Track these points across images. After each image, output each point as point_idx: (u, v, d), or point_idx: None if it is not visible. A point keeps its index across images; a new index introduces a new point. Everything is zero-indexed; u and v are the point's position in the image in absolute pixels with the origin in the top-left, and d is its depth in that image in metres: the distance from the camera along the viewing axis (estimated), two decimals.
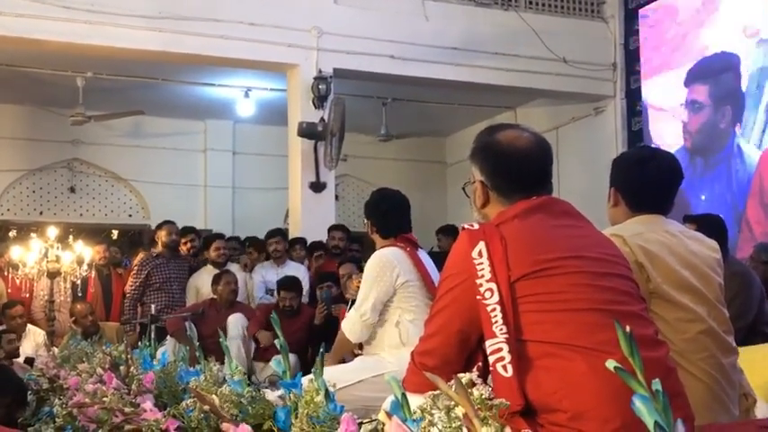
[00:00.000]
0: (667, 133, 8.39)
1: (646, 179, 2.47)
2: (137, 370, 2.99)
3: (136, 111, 9.75)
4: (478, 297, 1.73)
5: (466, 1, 8.60)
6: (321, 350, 1.77)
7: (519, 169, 1.95)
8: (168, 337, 6.06)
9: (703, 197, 7.83)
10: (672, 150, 8.20)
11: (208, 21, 7.47)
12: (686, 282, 2.35)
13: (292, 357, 6.25)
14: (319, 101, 7.78)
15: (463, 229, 1.86)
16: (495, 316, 1.70)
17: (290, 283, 6.33)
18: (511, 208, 1.91)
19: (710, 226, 4.45)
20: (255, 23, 7.63)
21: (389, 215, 3.89)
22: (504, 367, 1.65)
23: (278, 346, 1.81)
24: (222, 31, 7.52)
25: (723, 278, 2.48)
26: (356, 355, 3.91)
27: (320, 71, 7.83)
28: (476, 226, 1.84)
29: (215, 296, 6.47)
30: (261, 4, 7.73)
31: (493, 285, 1.73)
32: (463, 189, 2.11)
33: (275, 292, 6.54)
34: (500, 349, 1.67)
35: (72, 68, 8.45)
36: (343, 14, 8.02)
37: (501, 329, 1.69)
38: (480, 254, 1.76)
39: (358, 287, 4.07)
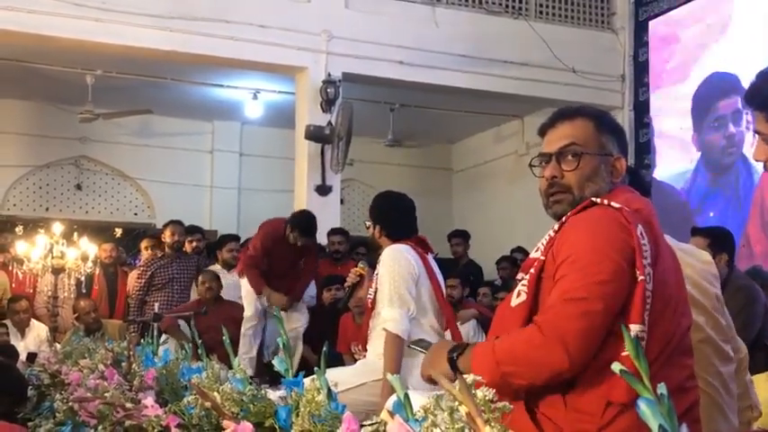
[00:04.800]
0: (674, 147, 8.38)
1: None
2: (138, 367, 2.99)
3: (144, 110, 9.77)
4: (641, 278, 1.67)
5: (476, 8, 8.61)
6: (324, 349, 1.77)
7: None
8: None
9: (712, 214, 7.81)
10: (679, 166, 8.24)
11: (218, 22, 7.50)
12: (691, 295, 2.36)
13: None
14: (327, 104, 7.79)
15: (601, 205, 1.79)
16: (649, 303, 1.67)
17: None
18: (628, 194, 1.89)
19: (719, 239, 4.45)
20: (266, 26, 7.65)
21: (397, 217, 3.84)
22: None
23: (281, 345, 1.81)
24: (232, 33, 7.54)
25: (726, 291, 2.50)
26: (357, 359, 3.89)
27: (329, 75, 7.84)
28: (627, 207, 1.78)
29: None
30: (272, 6, 7.75)
31: (651, 271, 1.70)
32: (566, 150, 1.95)
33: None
34: (641, 338, 1.65)
35: (82, 66, 8.48)
36: (354, 19, 8.03)
37: (646, 319, 1.67)
38: (642, 235, 1.72)
39: (359, 274, 4.02)
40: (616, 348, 1.68)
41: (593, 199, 1.82)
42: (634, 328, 1.65)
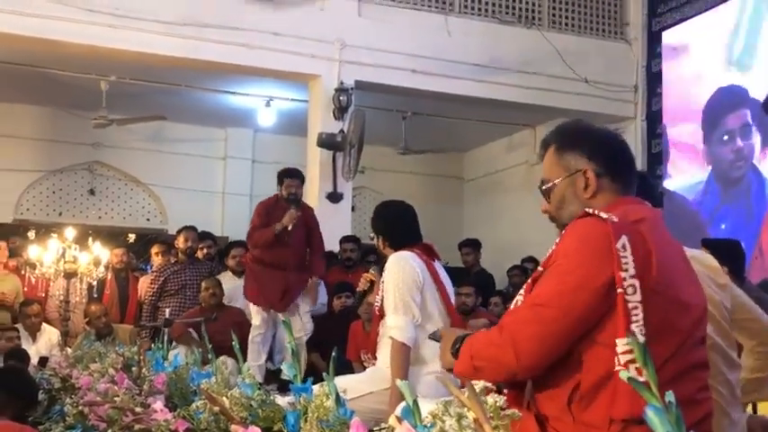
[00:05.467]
0: (687, 158, 8.35)
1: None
2: (149, 371, 3.01)
3: (158, 116, 9.82)
4: (620, 290, 1.68)
5: (488, 18, 8.62)
6: (333, 354, 1.77)
7: (628, 156, 1.96)
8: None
9: (723, 226, 7.78)
10: (690, 178, 8.21)
11: (232, 29, 7.53)
12: None
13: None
14: (340, 112, 7.81)
15: (593, 215, 1.79)
16: (637, 315, 1.66)
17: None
18: (632, 203, 1.88)
19: (728, 251, 4.43)
20: (279, 33, 7.68)
21: (398, 226, 3.82)
22: (639, 370, 1.63)
23: (290, 350, 1.81)
24: (246, 40, 7.57)
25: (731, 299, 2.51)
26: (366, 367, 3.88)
27: (342, 83, 7.86)
28: (614, 218, 1.77)
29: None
30: (285, 14, 7.78)
31: (636, 283, 1.68)
32: (543, 191, 2.00)
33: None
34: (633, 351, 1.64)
35: (96, 72, 8.53)
36: (367, 27, 8.06)
37: (641, 330, 1.65)
38: (624, 247, 1.71)
39: (370, 280, 4.01)
40: (611, 362, 1.69)
41: (587, 210, 1.82)
42: (620, 343, 1.65)
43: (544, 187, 1.98)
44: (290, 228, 6.10)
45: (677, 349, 1.74)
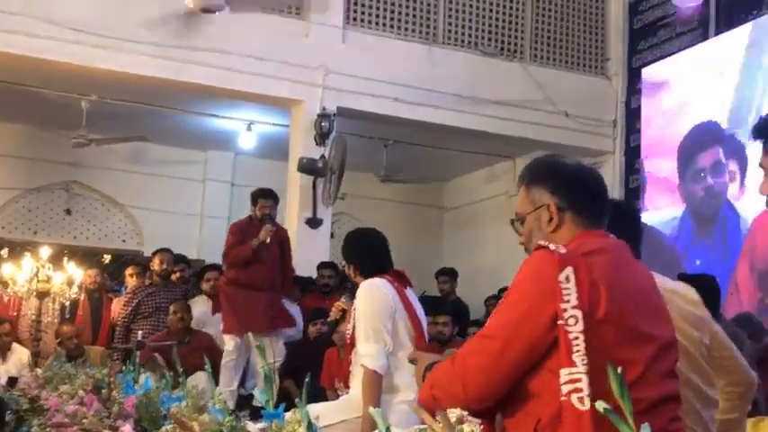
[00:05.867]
0: (664, 193, 8.43)
1: (623, 235, 2.51)
2: (119, 394, 2.96)
3: (138, 137, 9.77)
4: (560, 322, 1.69)
5: (471, 50, 8.70)
6: (306, 380, 1.75)
7: (594, 192, 1.97)
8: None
9: (698, 262, 7.84)
10: (666, 214, 8.28)
11: (216, 52, 7.54)
12: None
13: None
14: (321, 138, 7.82)
15: (543, 248, 1.81)
16: (578, 345, 1.67)
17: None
18: (588, 239, 1.89)
19: (703, 286, 4.45)
20: (263, 58, 7.70)
21: (368, 254, 3.82)
22: (581, 399, 1.62)
23: (263, 374, 1.79)
24: (230, 64, 7.58)
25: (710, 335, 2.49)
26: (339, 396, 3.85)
27: (324, 109, 7.88)
28: (562, 249, 1.79)
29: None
30: (270, 39, 7.80)
31: (578, 313, 1.69)
32: (513, 225, 2.06)
33: None
34: (578, 380, 1.64)
35: (77, 91, 8.49)
36: (351, 55, 8.10)
37: (583, 360, 1.66)
38: (568, 279, 1.73)
39: (341, 309, 3.99)
40: (550, 391, 1.70)
41: (540, 243, 1.86)
42: (563, 373, 1.67)
43: (515, 223, 2.04)
44: (267, 241, 6.11)
45: (637, 380, 1.73)
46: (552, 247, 1.79)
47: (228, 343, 6.15)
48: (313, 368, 5.28)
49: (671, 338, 1.89)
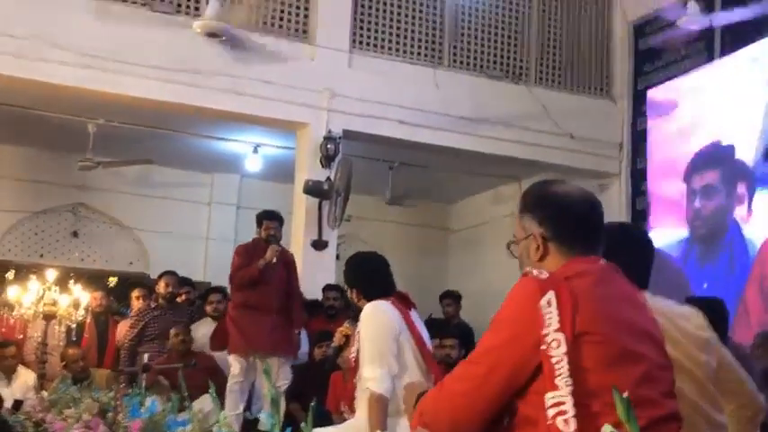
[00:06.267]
0: (671, 215, 8.41)
1: (625, 258, 2.49)
2: (124, 417, 2.95)
3: (144, 159, 9.81)
4: (543, 347, 1.71)
5: (477, 73, 8.73)
6: (312, 404, 1.74)
7: (581, 222, 1.97)
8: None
9: (705, 285, 7.81)
10: (673, 236, 8.26)
11: (222, 76, 7.58)
12: (676, 360, 2.34)
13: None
14: (327, 160, 7.84)
15: (527, 274, 1.84)
16: (561, 368, 1.68)
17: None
18: (574, 264, 1.90)
19: (711, 310, 4.42)
20: (270, 81, 7.73)
21: (370, 278, 3.81)
22: (567, 421, 1.63)
23: (269, 397, 1.79)
24: (236, 87, 7.62)
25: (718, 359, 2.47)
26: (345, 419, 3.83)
27: (330, 131, 7.90)
28: (544, 274, 1.81)
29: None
30: (276, 62, 7.85)
31: (560, 336, 1.71)
32: (508, 248, 2.08)
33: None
34: (563, 402, 1.65)
35: (84, 114, 8.54)
36: (357, 78, 8.13)
37: (566, 382, 1.66)
38: (549, 303, 1.74)
39: (345, 335, 3.98)
40: (538, 416, 1.70)
41: (525, 270, 1.89)
42: (548, 397, 1.67)
43: (511, 243, 2.07)
44: (274, 260, 6.11)
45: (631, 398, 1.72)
46: (534, 273, 1.83)
47: (235, 366, 6.13)
48: (319, 391, 5.26)
49: (663, 360, 1.88)
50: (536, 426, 1.70)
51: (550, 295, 1.74)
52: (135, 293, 7.79)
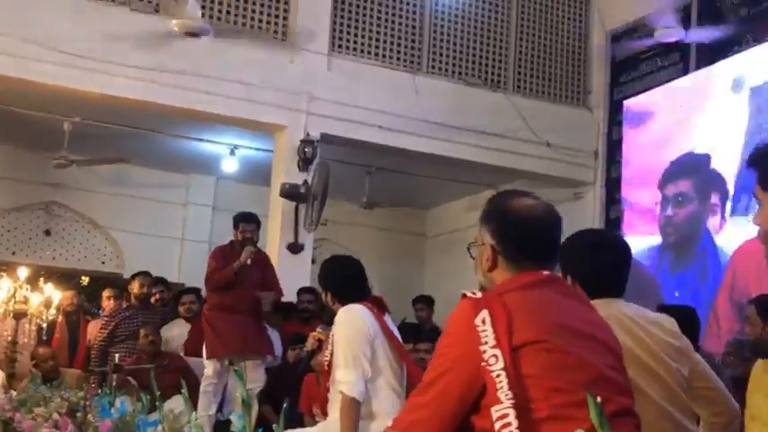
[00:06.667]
0: (644, 224, 8.49)
1: (601, 265, 2.51)
2: (94, 417, 2.93)
3: (120, 159, 9.74)
4: (483, 364, 1.74)
5: (455, 79, 8.76)
6: (284, 405, 1.75)
7: (532, 238, 1.99)
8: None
9: (677, 294, 7.88)
10: (645, 244, 8.33)
11: (200, 76, 7.55)
12: (646, 365, 2.36)
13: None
14: (304, 164, 7.83)
15: (464, 296, 1.87)
16: (501, 382, 1.72)
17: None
18: (516, 278, 1.94)
19: (682, 317, 4.47)
20: (248, 83, 7.71)
21: (345, 282, 3.82)
22: None
23: (240, 400, 1.78)
24: (214, 88, 7.59)
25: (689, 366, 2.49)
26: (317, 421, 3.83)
27: (308, 135, 7.90)
28: (478, 294, 1.86)
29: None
30: (255, 64, 7.83)
31: (497, 351, 1.75)
32: (468, 249, 2.14)
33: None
34: (506, 415, 1.69)
35: (60, 112, 8.46)
36: (336, 82, 8.13)
37: (507, 395, 1.70)
38: (484, 321, 1.78)
39: (318, 339, 3.99)
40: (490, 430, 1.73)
41: (462, 292, 1.92)
42: (493, 411, 1.71)
43: (470, 247, 2.14)
44: (248, 263, 6.10)
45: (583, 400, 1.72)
46: (469, 293, 1.87)
47: (208, 367, 6.11)
48: (291, 394, 5.25)
49: (613, 361, 1.90)
50: None
51: (484, 314, 1.79)
52: (106, 293, 7.74)
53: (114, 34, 7.31)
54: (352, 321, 3.60)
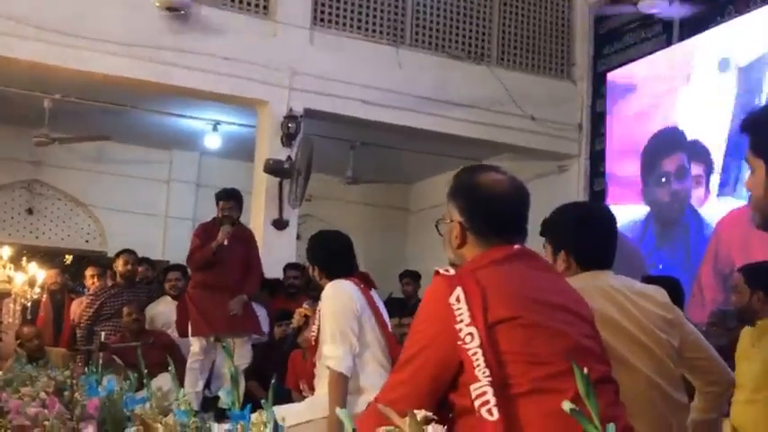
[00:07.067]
0: (629, 196, 8.52)
1: (588, 237, 2.51)
2: (81, 396, 2.92)
3: (102, 136, 9.66)
4: (459, 342, 1.73)
5: (439, 52, 8.72)
6: (272, 381, 1.74)
7: (499, 213, 1.98)
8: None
9: (660, 266, 7.93)
10: (630, 216, 8.37)
11: (182, 51, 7.48)
12: (633, 337, 2.36)
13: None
14: (288, 139, 7.79)
15: (437, 273, 1.85)
16: (477, 360, 1.71)
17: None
18: (486, 253, 1.93)
19: (667, 289, 4.50)
20: (230, 58, 7.65)
21: (333, 257, 3.82)
22: (490, 411, 1.66)
23: (228, 375, 1.78)
24: (195, 63, 7.52)
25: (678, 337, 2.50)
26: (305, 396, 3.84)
27: (291, 110, 7.85)
28: (451, 271, 1.85)
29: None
30: (237, 39, 7.76)
31: (473, 330, 1.74)
32: (436, 226, 2.11)
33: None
34: (484, 393, 1.68)
35: (40, 89, 8.37)
36: (319, 56, 8.08)
37: (484, 373, 1.70)
38: (458, 299, 1.77)
39: (304, 315, 3.99)
40: (470, 408, 1.72)
41: (436, 269, 1.90)
42: (472, 389, 1.71)
43: (438, 224, 2.11)
44: (225, 243, 6.08)
45: (563, 371, 1.73)
46: (442, 270, 1.86)
47: (195, 344, 6.11)
48: (278, 370, 5.26)
49: (589, 330, 1.91)
50: (473, 414, 1.74)
51: (458, 291, 1.78)
52: (89, 272, 7.70)
53: (93, 9, 7.21)
54: (339, 296, 3.60)
